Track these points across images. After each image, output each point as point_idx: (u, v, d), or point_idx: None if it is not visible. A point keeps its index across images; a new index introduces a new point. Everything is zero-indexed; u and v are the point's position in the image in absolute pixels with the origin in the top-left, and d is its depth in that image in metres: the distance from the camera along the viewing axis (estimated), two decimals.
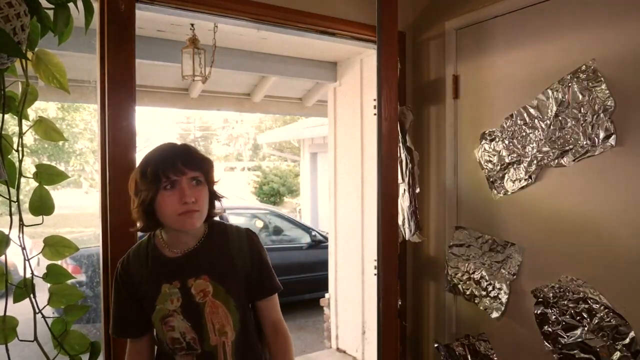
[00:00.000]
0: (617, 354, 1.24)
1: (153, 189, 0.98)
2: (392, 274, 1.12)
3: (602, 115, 1.28)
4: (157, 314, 1.04)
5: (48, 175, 1.15)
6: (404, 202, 1.77)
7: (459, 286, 1.73)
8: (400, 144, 1.22)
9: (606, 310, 1.28)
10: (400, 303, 1.64)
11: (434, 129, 1.88)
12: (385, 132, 1.12)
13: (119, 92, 1.37)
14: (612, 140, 1.27)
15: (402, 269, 1.98)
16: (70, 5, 1.08)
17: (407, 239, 1.85)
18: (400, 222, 1.38)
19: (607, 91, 1.27)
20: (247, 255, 1.09)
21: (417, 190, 1.23)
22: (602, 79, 1.29)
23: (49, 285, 1.18)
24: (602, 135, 1.29)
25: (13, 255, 1.14)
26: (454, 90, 1.77)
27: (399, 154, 1.24)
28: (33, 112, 1.15)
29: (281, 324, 1.11)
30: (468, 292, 1.69)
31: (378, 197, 1.10)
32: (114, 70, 1.36)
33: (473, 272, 1.68)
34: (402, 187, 1.74)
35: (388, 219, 1.09)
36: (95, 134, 1.45)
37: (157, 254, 1.06)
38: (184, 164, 1.00)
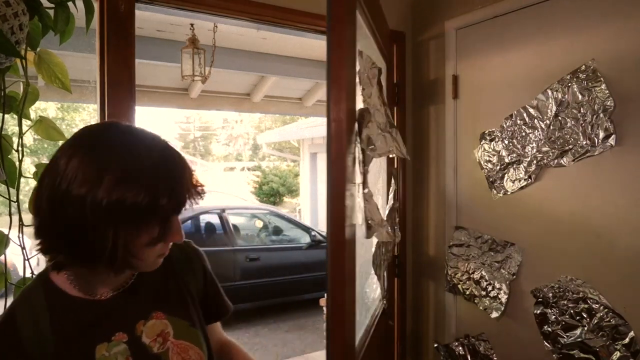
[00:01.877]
0: (617, 354, 1.24)
1: (159, 220, 0.66)
2: (340, 273, 1.04)
3: (601, 115, 1.28)
4: None
5: None
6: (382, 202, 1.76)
7: (459, 286, 1.73)
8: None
9: (606, 310, 1.28)
10: (386, 304, 1.62)
11: (433, 129, 1.88)
12: (333, 133, 1.04)
13: (118, 92, 1.37)
14: (611, 140, 1.27)
15: (402, 269, 1.98)
16: (70, 5, 1.08)
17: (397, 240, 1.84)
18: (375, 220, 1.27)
19: (607, 91, 1.27)
20: (199, 273, 0.85)
21: (366, 191, 1.18)
22: (601, 79, 1.29)
23: None
24: (601, 135, 1.29)
25: (12, 255, 1.14)
26: (454, 90, 1.77)
27: (356, 155, 1.16)
28: (33, 112, 1.16)
29: (231, 341, 0.93)
30: (468, 292, 1.70)
31: (327, 198, 1.04)
32: (113, 70, 1.36)
33: (473, 272, 1.68)
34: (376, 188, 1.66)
35: (336, 218, 1.03)
36: None
37: (68, 301, 0.70)
38: (195, 188, 0.69)
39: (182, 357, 0.76)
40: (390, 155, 1.49)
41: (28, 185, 1.20)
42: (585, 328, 1.32)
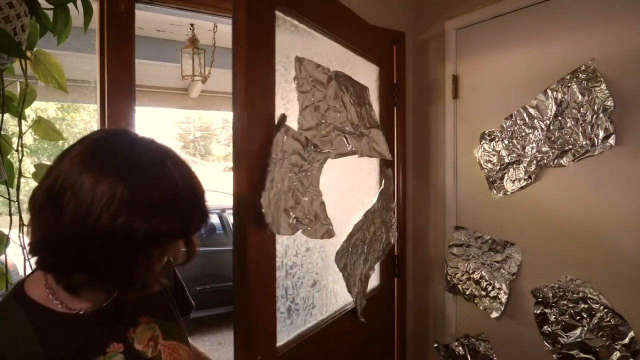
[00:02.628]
0: (617, 354, 1.24)
1: (185, 241, 0.67)
2: (244, 274, 1.07)
3: (601, 115, 1.28)
4: None
5: None
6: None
7: (459, 286, 1.73)
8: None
9: (606, 310, 1.28)
10: (360, 302, 1.62)
11: (433, 129, 1.88)
12: (236, 138, 1.09)
13: (118, 92, 1.37)
14: (611, 140, 1.27)
15: (402, 269, 1.98)
16: (70, 5, 1.08)
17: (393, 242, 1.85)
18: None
19: (607, 91, 1.27)
20: (170, 272, 0.84)
21: (308, 188, 1.22)
22: (601, 79, 1.29)
23: None
24: (601, 135, 1.29)
25: (12, 256, 1.14)
26: (454, 90, 1.77)
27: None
28: (33, 112, 1.16)
29: None
30: (468, 292, 1.70)
31: (234, 198, 1.10)
32: (113, 70, 1.36)
33: (473, 272, 1.68)
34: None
35: (240, 220, 1.08)
36: None
37: (53, 318, 0.66)
38: (207, 214, 0.69)
39: (174, 357, 0.75)
40: (359, 156, 1.51)
41: (28, 185, 1.20)
42: (585, 328, 1.32)
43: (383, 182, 1.80)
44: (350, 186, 1.69)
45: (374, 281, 1.87)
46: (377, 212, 1.71)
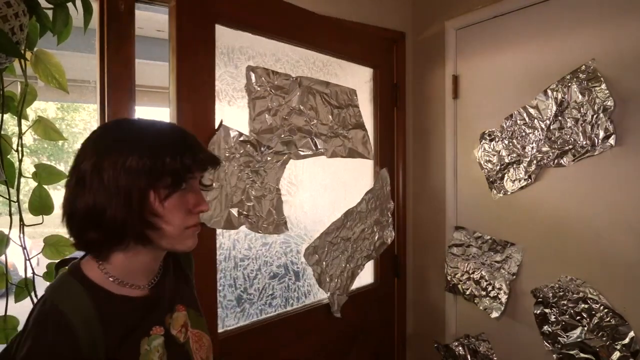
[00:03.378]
0: (617, 354, 1.24)
1: (165, 185, 0.69)
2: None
3: (601, 115, 1.28)
4: None
5: (47, 174, 1.15)
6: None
7: (459, 286, 1.73)
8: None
9: (606, 310, 1.28)
10: (336, 297, 1.65)
11: (433, 129, 1.88)
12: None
13: (118, 92, 1.37)
14: (611, 141, 1.27)
15: (402, 269, 1.98)
16: (70, 5, 1.08)
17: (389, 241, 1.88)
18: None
19: (607, 91, 1.27)
20: (192, 266, 0.92)
21: (257, 185, 1.35)
22: (601, 78, 1.29)
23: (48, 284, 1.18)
24: (601, 135, 1.29)
25: (12, 256, 1.14)
26: (454, 90, 1.77)
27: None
28: (32, 112, 1.16)
29: None
30: (468, 292, 1.70)
31: None
32: (113, 70, 1.36)
33: (473, 272, 1.68)
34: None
35: None
36: None
37: (112, 299, 0.72)
38: (206, 157, 0.74)
39: (199, 344, 0.82)
40: (328, 157, 1.61)
41: (28, 185, 1.20)
42: (585, 328, 1.32)
43: (378, 181, 1.82)
44: (342, 186, 1.75)
45: (367, 279, 1.89)
46: (367, 211, 1.75)
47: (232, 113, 1.35)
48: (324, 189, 1.68)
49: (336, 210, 1.71)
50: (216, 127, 1.29)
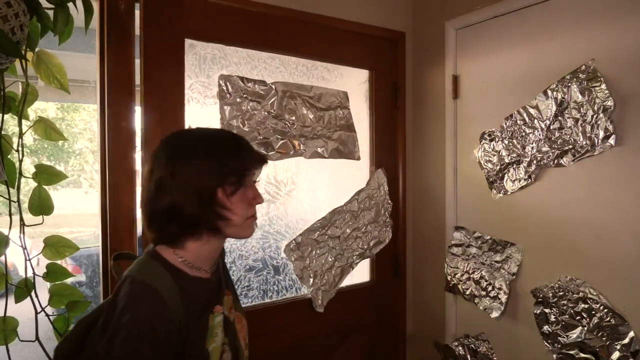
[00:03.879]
0: (617, 354, 1.24)
1: (231, 182, 0.82)
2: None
3: (601, 115, 1.28)
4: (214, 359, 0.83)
5: (47, 175, 1.15)
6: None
7: (459, 286, 1.73)
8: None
9: (606, 310, 1.28)
10: (320, 294, 1.66)
11: (433, 129, 1.88)
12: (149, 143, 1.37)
13: (118, 92, 1.37)
14: (611, 141, 1.27)
15: (402, 269, 1.98)
16: (70, 5, 1.08)
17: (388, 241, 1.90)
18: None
19: (607, 91, 1.27)
20: (224, 251, 1.06)
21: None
22: (601, 78, 1.29)
23: (48, 286, 1.18)
24: (601, 135, 1.29)
25: (12, 256, 1.14)
26: (454, 90, 1.77)
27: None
28: (33, 112, 1.16)
29: None
30: (468, 292, 1.70)
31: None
32: (113, 70, 1.36)
33: (473, 272, 1.68)
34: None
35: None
36: (94, 134, 1.46)
37: (188, 279, 0.84)
38: (259, 156, 0.88)
39: (240, 325, 0.95)
40: (306, 158, 1.68)
41: (28, 185, 1.20)
42: (585, 328, 1.32)
43: (367, 182, 1.85)
44: (330, 186, 1.81)
45: (363, 277, 1.90)
46: (359, 210, 1.79)
47: (204, 118, 1.48)
48: (309, 189, 1.76)
49: (322, 208, 1.77)
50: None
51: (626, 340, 1.23)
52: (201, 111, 1.48)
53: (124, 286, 0.79)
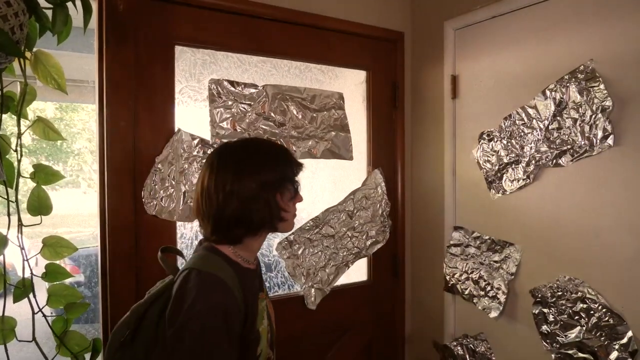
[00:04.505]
0: (615, 354, 1.24)
1: (287, 188, 0.98)
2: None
3: (600, 115, 1.29)
4: (264, 340, 0.97)
5: (45, 175, 1.15)
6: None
7: (457, 286, 1.73)
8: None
9: (604, 309, 1.28)
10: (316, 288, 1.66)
11: (432, 129, 1.88)
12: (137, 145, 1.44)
13: (117, 93, 1.37)
14: (610, 141, 1.27)
15: (401, 269, 1.98)
16: (69, 4, 1.08)
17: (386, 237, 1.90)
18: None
19: (605, 91, 1.27)
20: None
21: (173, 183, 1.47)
22: (600, 79, 1.29)
23: (47, 287, 1.18)
24: (600, 135, 1.29)
25: (11, 256, 1.14)
26: (453, 90, 1.78)
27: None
28: (31, 112, 1.16)
29: None
30: (466, 292, 1.70)
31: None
32: (112, 70, 1.36)
33: (471, 272, 1.68)
34: None
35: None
36: (93, 134, 1.46)
37: (242, 270, 0.96)
38: (301, 165, 1.04)
39: (271, 311, 1.07)
40: (298, 158, 1.72)
41: (26, 185, 1.20)
42: (584, 328, 1.32)
43: (363, 181, 1.85)
44: (324, 186, 1.84)
45: (361, 277, 1.91)
46: (354, 210, 1.80)
47: (195, 121, 1.52)
48: (303, 189, 1.76)
49: (317, 208, 1.77)
50: (175, 134, 1.45)
51: (624, 340, 1.24)
52: (191, 114, 1.52)
53: (190, 278, 0.87)
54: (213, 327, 0.82)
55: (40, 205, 1.13)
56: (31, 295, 1.12)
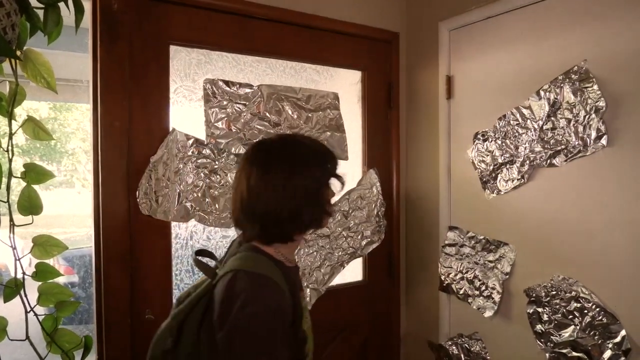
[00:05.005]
0: (609, 353, 1.25)
1: (330, 184, 1.00)
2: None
3: (593, 115, 1.29)
4: (310, 340, 0.98)
5: (35, 174, 1.14)
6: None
7: (452, 286, 1.74)
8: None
9: (598, 308, 1.29)
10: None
11: (427, 129, 1.89)
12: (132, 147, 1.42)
13: (111, 92, 1.36)
14: (603, 141, 1.28)
15: (396, 269, 1.98)
16: (62, 4, 1.07)
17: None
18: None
19: (599, 92, 1.28)
20: None
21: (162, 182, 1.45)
22: (593, 79, 1.30)
23: (38, 286, 1.17)
24: (593, 135, 1.30)
25: (4, 257, 1.13)
26: (447, 91, 1.78)
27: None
28: (24, 111, 1.15)
29: None
30: (461, 292, 1.70)
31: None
32: (106, 70, 1.36)
33: (466, 272, 1.69)
34: None
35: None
36: (87, 133, 1.45)
37: (287, 269, 0.96)
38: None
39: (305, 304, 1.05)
40: None
41: (19, 185, 1.19)
42: (578, 327, 1.33)
43: (358, 181, 1.86)
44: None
45: (356, 277, 1.91)
46: (350, 210, 1.81)
47: (190, 121, 1.51)
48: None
49: None
50: (169, 134, 1.44)
51: (618, 339, 1.24)
52: (186, 114, 1.52)
53: (237, 280, 0.85)
54: (269, 328, 0.81)
55: (30, 205, 1.12)
56: (23, 295, 1.11)
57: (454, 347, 1.73)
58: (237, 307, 0.80)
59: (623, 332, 1.24)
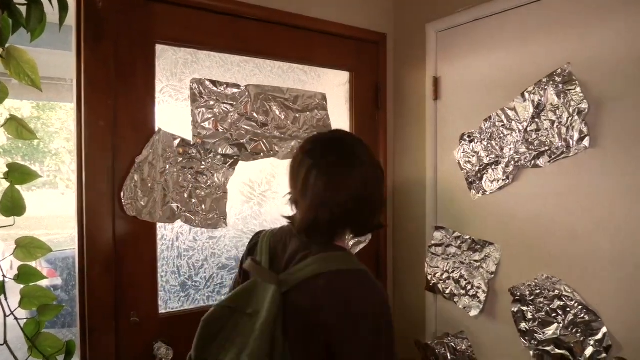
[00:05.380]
0: (590, 349, 1.28)
1: None
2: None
3: (576, 117, 1.32)
4: None
5: (19, 174, 1.12)
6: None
7: (439, 285, 1.75)
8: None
9: (580, 306, 1.31)
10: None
11: (414, 129, 1.90)
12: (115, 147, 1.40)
13: (95, 91, 1.34)
14: (585, 142, 1.30)
15: (383, 269, 1.99)
16: (45, 1, 1.05)
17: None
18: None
19: (582, 94, 1.31)
20: None
21: (148, 180, 1.44)
22: (576, 82, 1.32)
23: (20, 289, 1.15)
24: (576, 137, 1.32)
25: None
26: (435, 92, 1.79)
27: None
28: (6, 110, 1.12)
29: None
30: (447, 291, 1.72)
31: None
32: (90, 68, 1.33)
33: (452, 272, 1.71)
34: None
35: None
36: (71, 133, 1.42)
37: None
38: None
39: None
40: (280, 158, 1.70)
41: (1, 185, 1.16)
42: (561, 325, 1.35)
43: None
44: None
45: None
46: None
47: (176, 121, 1.50)
48: (285, 190, 1.76)
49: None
50: (155, 134, 1.43)
51: (599, 336, 1.27)
52: (172, 114, 1.50)
53: (337, 280, 0.89)
54: (390, 321, 0.91)
55: (13, 206, 1.10)
56: (2, 298, 1.08)
57: (440, 347, 1.74)
58: (375, 301, 0.88)
59: (604, 329, 1.26)
